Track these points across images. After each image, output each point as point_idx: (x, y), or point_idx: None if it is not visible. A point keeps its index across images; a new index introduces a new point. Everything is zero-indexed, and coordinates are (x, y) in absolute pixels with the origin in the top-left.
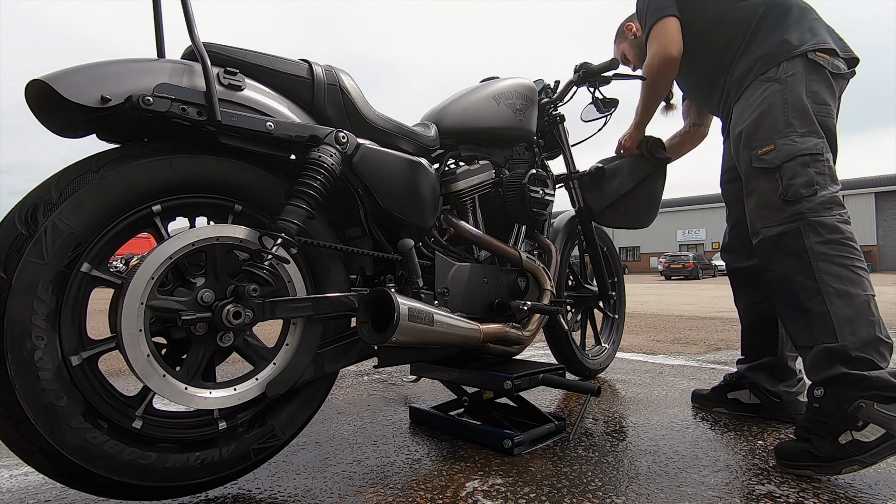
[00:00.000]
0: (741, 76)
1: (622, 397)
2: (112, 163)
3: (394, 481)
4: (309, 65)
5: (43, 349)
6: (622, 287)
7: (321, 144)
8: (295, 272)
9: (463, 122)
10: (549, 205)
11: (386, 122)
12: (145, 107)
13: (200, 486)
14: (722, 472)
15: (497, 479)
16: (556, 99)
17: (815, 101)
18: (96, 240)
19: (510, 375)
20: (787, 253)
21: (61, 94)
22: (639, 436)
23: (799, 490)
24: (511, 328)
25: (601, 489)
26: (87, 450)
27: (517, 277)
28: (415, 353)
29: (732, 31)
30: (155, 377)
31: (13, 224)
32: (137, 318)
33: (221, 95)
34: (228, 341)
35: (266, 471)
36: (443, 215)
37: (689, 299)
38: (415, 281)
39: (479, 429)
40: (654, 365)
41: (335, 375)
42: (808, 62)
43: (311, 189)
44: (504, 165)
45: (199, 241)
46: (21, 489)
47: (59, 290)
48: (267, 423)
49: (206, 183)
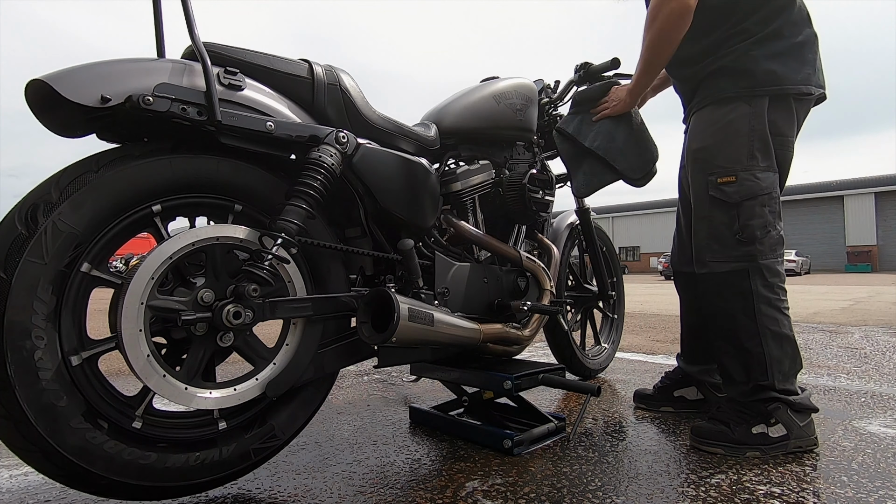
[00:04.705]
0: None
1: (622, 397)
2: (112, 163)
3: (394, 481)
4: (309, 64)
5: (43, 349)
6: (621, 287)
7: (321, 144)
8: (295, 272)
9: (463, 121)
10: (550, 205)
11: (386, 122)
12: (145, 107)
13: (200, 486)
14: (722, 472)
15: (497, 479)
16: (556, 99)
17: (775, 133)
18: (96, 240)
19: (510, 375)
20: (735, 292)
21: (61, 93)
22: (639, 436)
23: (799, 490)
24: (511, 328)
25: (601, 489)
26: (87, 450)
27: (517, 277)
28: (415, 353)
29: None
30: (155, 377)
31: (13, 224)
32: (137, 318)
33: (221, 95)
34: (228, 341)
35: (266, 471)
36: (443, 215)
37: None
38: (415, 281)
39: (478, 429)
40: (654, 365)
41: (335, 375)
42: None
43: (311, 189)
44: (504, 165)
45: (199, 241)
46: (21, 489)
47: (59, 290)
48: (267, 423)
49: (206, 183)
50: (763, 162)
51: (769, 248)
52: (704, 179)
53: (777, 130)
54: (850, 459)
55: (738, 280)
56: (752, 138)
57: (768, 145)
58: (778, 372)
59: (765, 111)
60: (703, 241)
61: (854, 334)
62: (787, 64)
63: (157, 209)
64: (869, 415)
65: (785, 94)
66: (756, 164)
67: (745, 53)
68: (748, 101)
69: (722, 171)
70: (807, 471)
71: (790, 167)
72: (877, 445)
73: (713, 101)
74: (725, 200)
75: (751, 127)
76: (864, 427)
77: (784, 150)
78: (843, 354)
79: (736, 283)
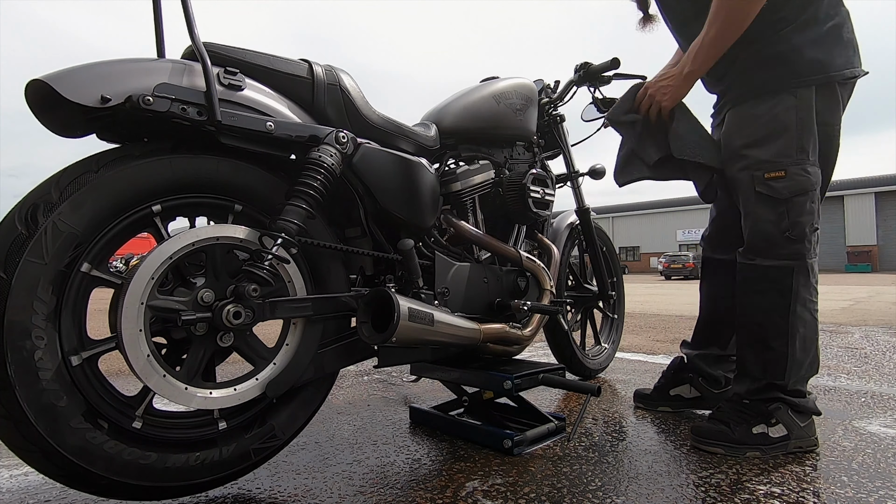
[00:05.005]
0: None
1: (622, 397)
2: (112, 163)
3: (394, 481)
4: (309, 64)
5: (43, 349)
6: (622, 287)
7: (321, 144)
8: (295, 272)
9: (463, 122)
10: (550, 205)
11: (386, 122)
12: (145, 107)
13: (200, 486)
14: (722, 472)
15: (497, 479)
16: (556, 99)
17: (821, 123)
18: (96, 240)
19: (510, 375)
20: (773, 288)
21: (61, 93)
22: (639, 436)
23: (799, 490)
24: (511, 328)
25: (601, 489)
26: (87, 450)
27: (517, 277)
28: (415, 353)
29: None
30: (155, 377)
31: (13, 224)
32: (137, 318)
33: (221, 95)
34: (228, 341)
35: (266, 471)
36: (443, 215)
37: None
38: (415, 281)
39: (479, 429)
40: (654, 365)
41: (335, 375)
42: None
43: (311, 189)
44: (504, 165)
45: (199, 241)
46: (21, 489)
47: (59, 290)
48: (267, 423)
49: (205, 183)
50: (812, 156)
51: (814, 246)
52: (750, 175)
53: (823, 120)
54: (850, 459)
55: (781, 276)
56: (800, 131)
57: (815, 138)
58: (795, 374)
59: (812, 102)
60: (749, 239)
61: (854, 334)
62: (830, 50)
63: (157, 209)
64: (869, 415)
65: (830, 82)
66: (806, 157)
67: (785, 42)
68: (793, 93)
69: (770, 166)
70: (807, 471)
71: (837, 156)
72: (877, 445)
73: (755, 94)
74: (774, 197)
75: (798, 119)
76: (864, 427)
77: (830, 141)
78: (843, 354)
79: (778, 279)
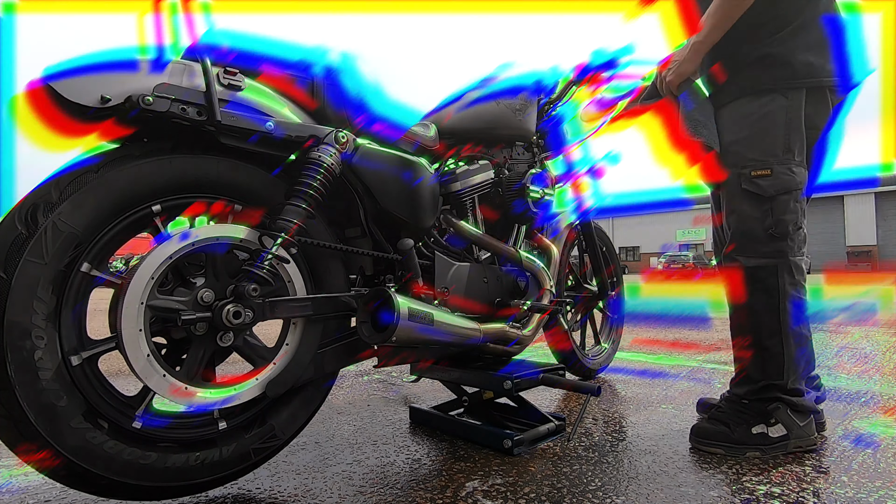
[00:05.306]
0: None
1: (622, 397)
2: (112, 163)
3: (394, 481)
4: (310, 64)
5: (43, 349)
6: (622, 287)
7: (321, 144)
8: (295, 272)
9: (462, 122)
10: (550, 205)
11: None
12: (145, 107)
13: (200, 486)
14: (722, 472)
15: (497, 479)
16: (555, 99)
17: (810, 126)
18: (96, 240)
19: (510, 375)
20: (760, 288)
21: (61, 93)
22: (639, 436)
23: (799, 490)
24: (511, 328)
25: (601, 489)
26: (87, 450)
27: (517, 277)
28: (415, 353)
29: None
30: (155, 377)
31: (13, 224)
32: (137, 318)
33: (221, 95)
34: (228, 341)
35: (266, 471)
36: (443, 215)
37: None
38: (415, 281)
39: (479, 429)
40: (654, 365)
41: (335, 375)
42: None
43: (310, 189)
44: (504, 165)
45: (198, 241)
46: (21, 489)
47: (59, 290)
48: (267, 423)
49: (206, 183)
50: (798, 156)
51: (798, 244)
52: (737, 173)
53: (812, 124)
54: (850, 459)
55: (766, 276)
56: (788, 131)
57: (803, 139)
58: (793, 373)
59: (802, 104)
60: (732, 236)
61: (854, 334)
62: (823, 55)
63: (157, 209)
64: (869, 415)
65: (821, 87)
66: (791, 157)
67: (781, 44)
68: (785, 94)
69: (756, 164)
70: (807, 471)
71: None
72: (877, 445)
73: (748, 92)
74: (759, 194)
75: (787, 119)
76: (864, 427)
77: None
78: (843, 354)
79: (763, 278)
